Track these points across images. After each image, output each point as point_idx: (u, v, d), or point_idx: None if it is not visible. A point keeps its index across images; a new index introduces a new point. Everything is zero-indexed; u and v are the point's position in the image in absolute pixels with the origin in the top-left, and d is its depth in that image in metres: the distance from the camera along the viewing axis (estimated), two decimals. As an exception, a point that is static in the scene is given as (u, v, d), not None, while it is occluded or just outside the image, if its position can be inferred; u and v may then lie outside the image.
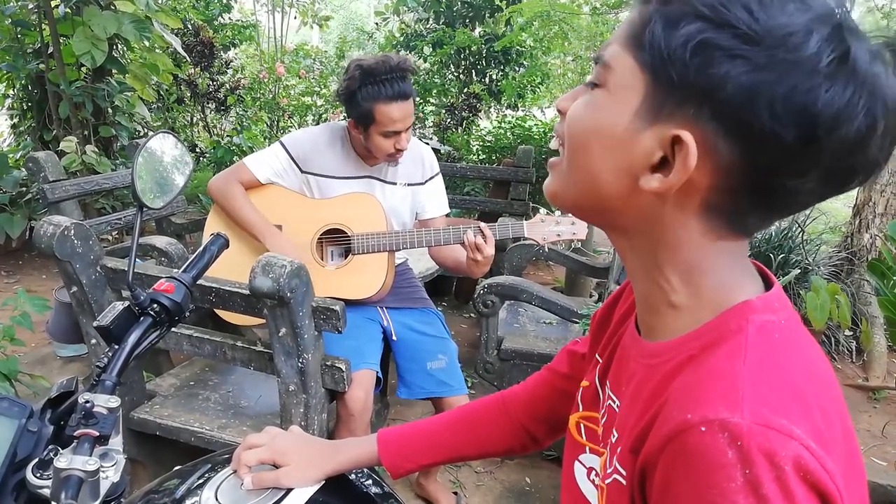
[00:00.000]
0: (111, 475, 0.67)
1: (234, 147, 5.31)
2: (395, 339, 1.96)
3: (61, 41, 3.84)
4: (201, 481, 0.80)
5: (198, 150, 6.20)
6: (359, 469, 0.88)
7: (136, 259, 0.85)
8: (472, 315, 3.69)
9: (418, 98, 5.96)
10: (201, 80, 5.96)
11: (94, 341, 1.77)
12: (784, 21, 0.46)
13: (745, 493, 0.44)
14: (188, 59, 5.65)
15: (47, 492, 0.64)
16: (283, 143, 1.92)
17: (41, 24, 3.96)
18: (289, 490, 0.79)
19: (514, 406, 0.91)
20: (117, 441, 0.70)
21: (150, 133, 1.87)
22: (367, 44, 7.72)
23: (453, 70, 6.10)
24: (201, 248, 0.93)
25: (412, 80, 1.81)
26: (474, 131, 6.02)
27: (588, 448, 0.69)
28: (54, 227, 1.57)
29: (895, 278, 3.01)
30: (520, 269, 3.15)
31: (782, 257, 3.23)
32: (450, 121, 5.87)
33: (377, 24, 6.99)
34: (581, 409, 0.73)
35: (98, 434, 0.65)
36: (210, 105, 6.29)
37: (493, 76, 5.95)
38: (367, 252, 1.84)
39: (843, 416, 0.52)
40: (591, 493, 0.67)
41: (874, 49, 0.48)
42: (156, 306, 0.80)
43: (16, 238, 3.92)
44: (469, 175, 4.47)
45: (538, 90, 5.96)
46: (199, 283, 0.99)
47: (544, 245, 1.82)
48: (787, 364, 0.50)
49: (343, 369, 1.64)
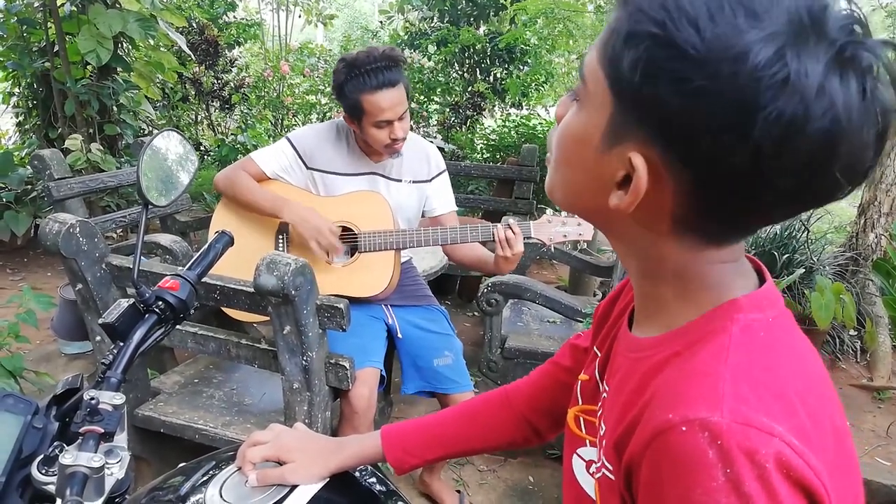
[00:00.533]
0: (116, 472, 0.68)
1: (239, 145, 5.33)
2: (399, 336, 1.96)
3: (67, 39, 3.85)
4: (206, 478, 0.81)
5: (202, 148, 6.21)
6: (363, 466, 0.88)
7: (141, 256, 0.85)
8: (476, 314, 3.69)
9: (422, 97, 5.96)
10: (206, 79, 5.97)
11: (98, 338, 1.77)
12: (729, 40, 0.43)
13: (726, 492, 0.44)
14: (193, 57, 5.66)
15: (52, 488, 0.64)
16: (289, 139, 1.92)
17: (47, 22, 3.98)
18: (293, 487, 0.79)
19: (517, 399, 0.91)
20: (122, 438, 0.71)
21: (155, 131, 1.87)
22: (372, 42, 7.71)
23: (458, 68, 6.10)
24: (206, 246, 0.94)
25: (402, 69, 1.78)
26: (478, 130, 6.01)
27: (588, 441, 0.70)
28: (60, 225, 1.57)
29: (900, 278, 3.00)
30: (524, 268, 3.16)
31: (787, 256, 3.21)
32: (454, 119, 5.86)
33: (381, 22, 6.98)
34: (581, 403, 0.73)
35: (103, 431, 0.66)
36: (214, 103, 6.30)
37: (498, 75, 5.94)
38: (375, 250, 1.84)
39: (833, 414, 0.51)
40: (589, 486, 0.67)
41: (832, 60, 0.43)
42: (161, 304, 0.80)
43: (21, 236, 3.94)
44: (473, 174, 4.47)
45: (542, 89, 5.94)
46: (203, 280, 0.99)
47: (550, 245, 1.81)
48: (770, 363, 0.50)
49: (347, 367, 1.64)
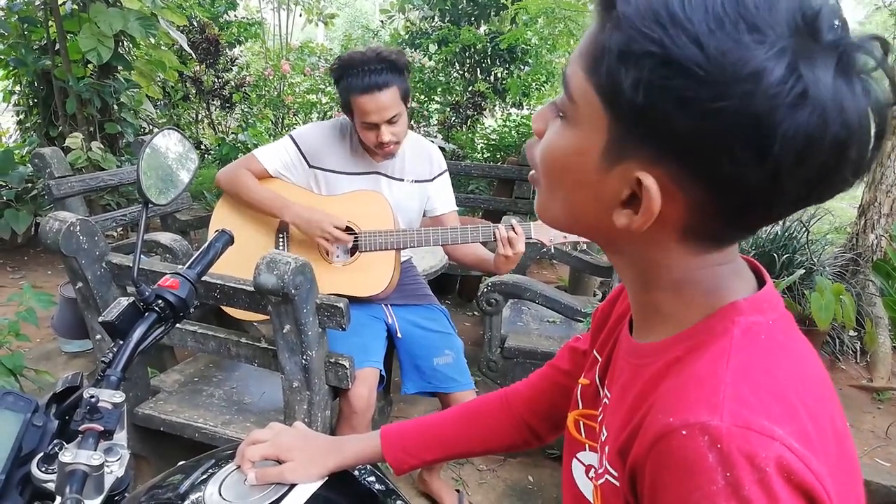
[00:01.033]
0: (115, 470, 0.68)
1: (239, 144, 5.33)
2: (399, 336, 1.96)
3: (68, 38, 3.85)
4: (205, 476, 0.81)
5: (203, 147, 6.22)
6: (362, 465, 0.88)
7: (141, 255, 0.85)
8: (476, 313, 3.69)
9: (423, 96, 5.96)
10: (206, 78, 5.97)
11: (98, 337, 1.77)
12: (737, 58, 0.43)
13: (726, 496, 0.43)
14: (194, 56, 5.66)
15: (52, 486, 0.65)
16: (292, 137, 1.92)
17: (48, 20, 3.98)
18: (292, 486, 0.79)
19: (516, 402, 0.91)
20: (122, 436, 0.71)
21: (156, 130, 1.88)
22: (373, 42, 7.71)
23: (458, 68, 6.10)
24: (206, 245, 0.94)
25: (400, 71, 1.74)
26: (479, 130, 6.01)
27: (587, 446, 0.70)
28: (60, 223, 1.57)
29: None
30: (524, 268, 3.16)
31: (787, 257, 3.21)
32: (455, 119, 5.86)
33: (382, 21, 6.97)
34: (581, 407, 0.73)
35: (103, 429, 0.66)
36: (215, 102, 6.30)
37: (499, 74, 5.94)
38: (375, 249, 1.84)
39: (834, 417, 0.51)
40: (587, 490, 0.67)
41: (836, 65, 0.43)
42: (161, 302, 0.80)
43: (21, 234, 3.95)
44: (473, 173, 4.46)
45: (543, 88, 5.94)
46: (203, 279, 0.99)
47: (550, 246, 1.81)
48: (771, 365, 0.50)
49: (347, 366, 1.64)
